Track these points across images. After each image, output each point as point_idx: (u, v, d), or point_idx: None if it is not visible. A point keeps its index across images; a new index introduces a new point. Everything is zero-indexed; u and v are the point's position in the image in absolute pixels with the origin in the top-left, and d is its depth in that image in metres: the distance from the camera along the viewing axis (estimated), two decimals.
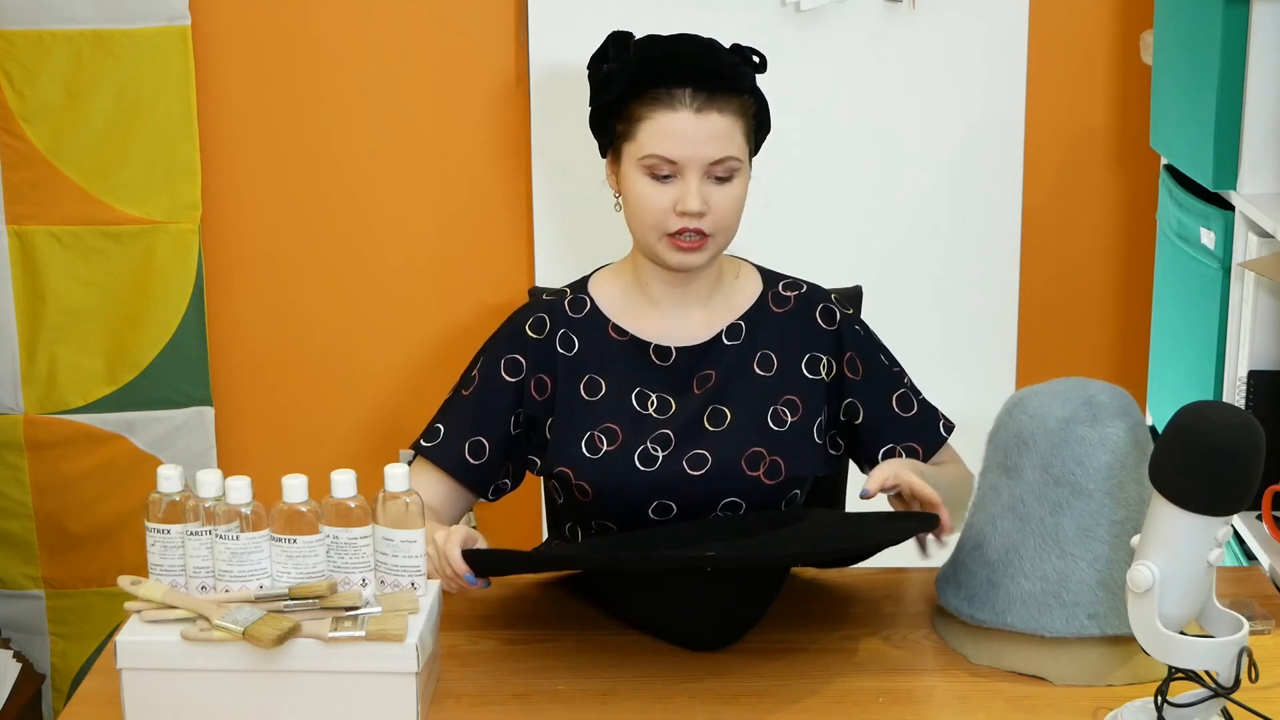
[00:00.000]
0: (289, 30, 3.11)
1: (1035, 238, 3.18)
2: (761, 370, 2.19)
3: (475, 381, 2.19)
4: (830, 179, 3.11)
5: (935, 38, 3.06)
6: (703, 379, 2.18)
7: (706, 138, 2.09)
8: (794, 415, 2.18)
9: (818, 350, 2.21)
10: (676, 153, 2.09)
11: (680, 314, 2.21)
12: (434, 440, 2.18)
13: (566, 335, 2.20)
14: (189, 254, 3.12)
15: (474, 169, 3.17)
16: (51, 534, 3.24)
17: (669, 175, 2.11)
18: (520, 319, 2.22)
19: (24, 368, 3.17)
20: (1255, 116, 2.52)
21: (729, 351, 2.20)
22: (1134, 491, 1.87)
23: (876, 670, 1.92)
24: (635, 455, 2.13)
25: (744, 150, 2.13)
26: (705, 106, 2.09)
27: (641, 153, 2.11)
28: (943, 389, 2.61)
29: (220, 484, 1.81)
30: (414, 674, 1.76)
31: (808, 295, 2.24)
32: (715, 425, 2.16)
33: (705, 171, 2.10)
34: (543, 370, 2.18)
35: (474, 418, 2.17)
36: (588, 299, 2.23)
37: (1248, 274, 2.49)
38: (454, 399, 2.21)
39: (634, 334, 2.20)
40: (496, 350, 2.21)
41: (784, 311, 2.23)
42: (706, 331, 2.21)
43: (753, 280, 2.26)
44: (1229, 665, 1.67)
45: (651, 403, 2.17)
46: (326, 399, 3.28)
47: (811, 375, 2.20)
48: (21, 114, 3.05)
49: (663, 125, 2.10)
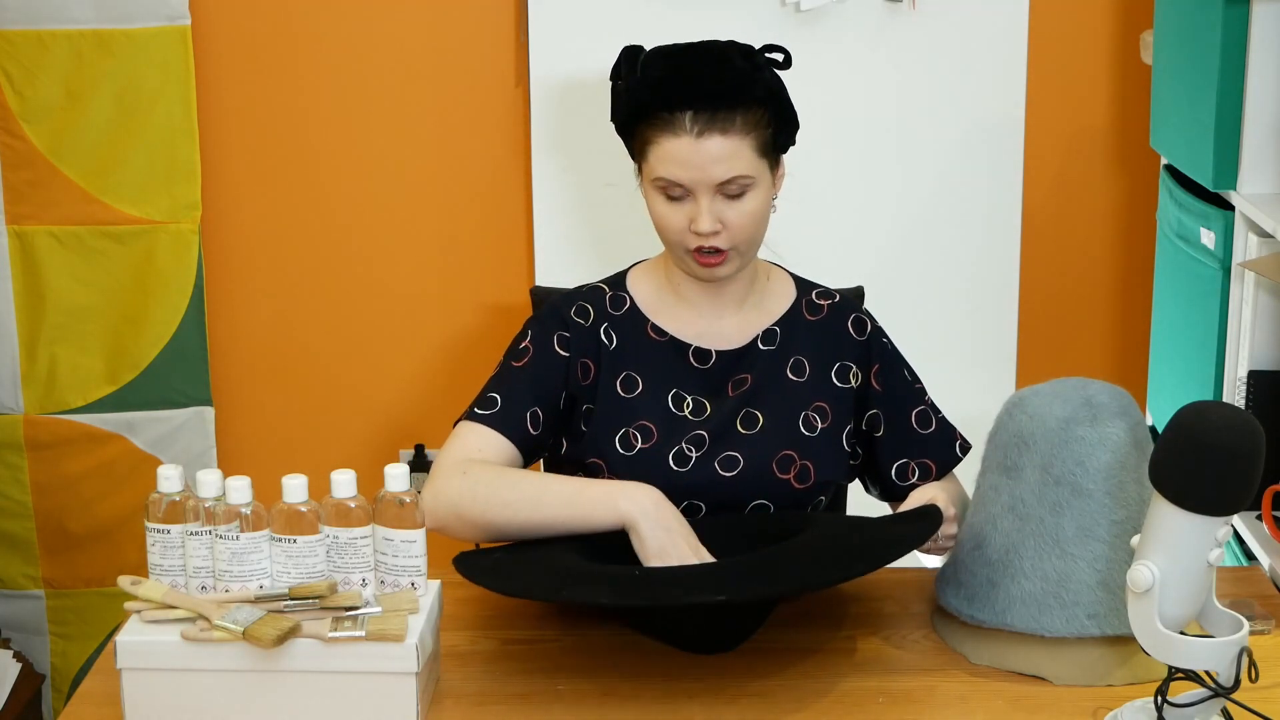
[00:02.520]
0: (289, 30, 3.11)
1: (1035, 238, 3.18)
2: (794, 376, 2.20)
3: (529, 353, 2.18)
4: (830, 179, 3.11)
5: (935, 38, 3.06)
6: (738, 382, 2.19)
7: (711, 161, 2.07)
8: (824, 421, 2.19)
9: (848, 359, 2.22)
10: (682, 177, 2.08)
11: (716, 315, 2.21)
12: (491, 409, 2.14)
13: (608, 329, 2.20)
14: (189, 254, 3.12)
15: (474, 170, 3.17)
16: (51, 534, 3.24)
17: (681, 196, 2.10)
18: (564, 305, 2.22)
19: (24, 368, 3.17)
20: (1255, 116, 2.52)
21: (764, 356, 2.21)
22: (1134, 491, 1.87)
23: (876, 670, 1.92)
24: (670, 456, 2.13)
25: (756, 165, 2.10)
26: (706, 129, 2.06)
27: (653, 175, 2.11)
28: (943, 389, 2.61)
29: (220, 484, 1.81)
30: (414, 674, 1.76)
31: (840, 305, 2.26)
32: (748, 429, 2.17)
33: (716, 191, 2.09)
34: (587, 356, 2.18)
35: (532, 388, 2.15)
36: (627, 296, 2.23)
37: (1248, 274, 2.49)
38: (505, 370, 2.18)
39: (673, 335, 2.20)
40: (546, 325, 2.20)
41: (817, 320, 2.24)
42: (742, 335, 2.21)
43: (786, 285, 2.27)
44: (1229, 665, 1.67)
45: (687, 404, 2.18)
46: (326, 399, 3.28)
47: (841, 384, 2.21)
48: (21, 114, 3.05)
49: (667, 151, 2.09)
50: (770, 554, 1.92)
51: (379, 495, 1.82)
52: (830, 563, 1.90)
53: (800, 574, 1.87)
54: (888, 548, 1.90)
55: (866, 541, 1.97)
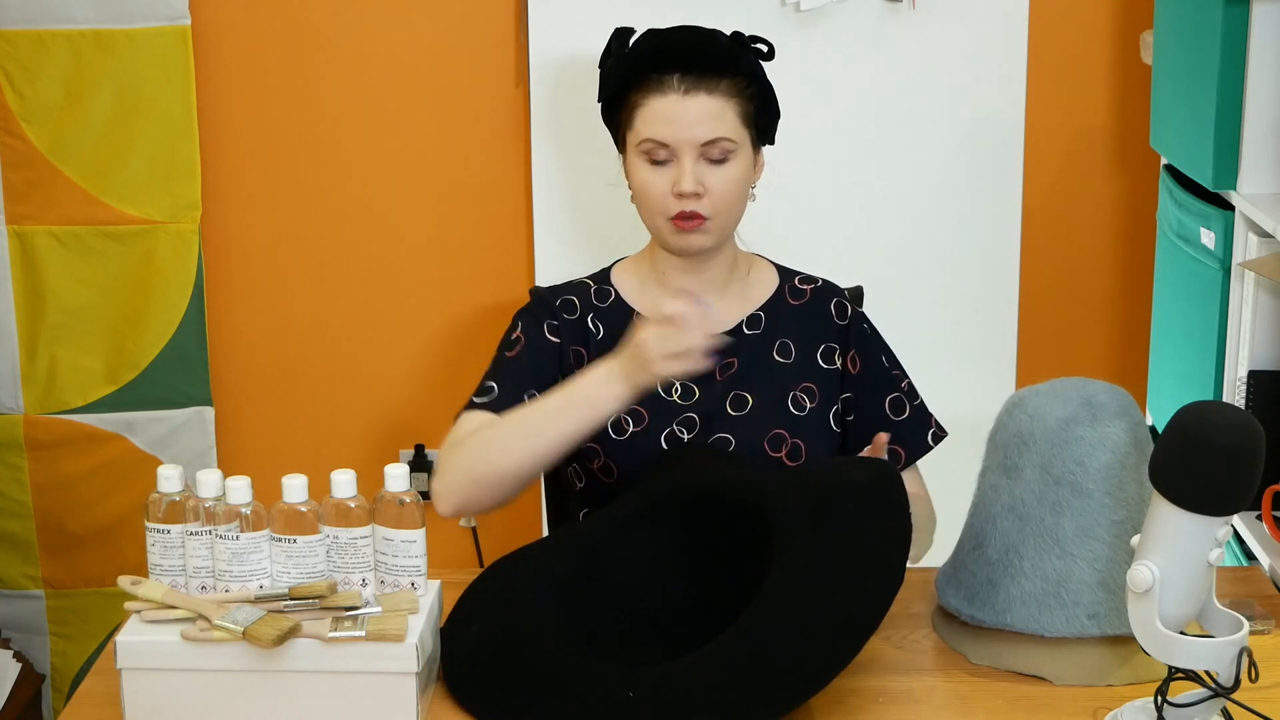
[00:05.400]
0: (289, 30, 3.11)
1: (1035, 238, 3.18)
2: (781, 358, 2.25)
3: (520, 342, 2.23)
4: (830, 179, 3.10)
5: (935, 38, 3.06)
6: (725, 367, 2.22)
7: (696, 119, 2.13)
8: (812, 401, 2.24)
9: (832, 341, 2.27)
10: (668, 135, 2.14)
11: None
12: (489, 395, 2.18)
13: (594, 319, 2.25)
14: (189, 254, 3.12)
15: (474, 169, 3.17)
16: (51, 534, 3.24)
17: (665, 159, 2.15)
18: (550, 298, 2.27)
19: (24, 368, 3.17)
20: (1255, 116, 2.52)
21: (750, 340, 2.25)
22: (1134, 491, 1.87)
23: (876, 670, 1.91)
24: (662, 437, 2.18)
25: (739, 131, 2.16)
26: (693, 88, 2.13)
27: (638, 139, 2.17)
28: (943, 389, 2.62)
29: (220, 484, 1.81)
30: (414, 674, 1.76)
31: (822, 289, 2.31)
32: (737, 410, 2.21)
33: (699, 153, 2.14)
34: (578, 344, 2.23)
35: (528, 374, 2.20)
36: (612, 290, 2.29)
37: (1248, 274, 2.49)
38: (499, 362, 2.23)
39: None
40: (534, 315, 2.25)
41: (801, 304, 2.29)
42: (725, 321, 2.24)
43: (769, 274, 2.32)
44: (1229, 665, 1.67)
45: (676, 390, 2.21)
46: (326, 399, 3.28)
47: (827, 365, 2.26)
48: (21, 114, 3.05)
49: (654, 109, 2.15)
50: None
51: (379, 495, 1.82)
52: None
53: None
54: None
55: (817, 479, 1.88)
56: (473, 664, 1.85)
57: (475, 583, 1.99)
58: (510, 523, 3.14)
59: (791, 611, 1.76)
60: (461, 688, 1.84)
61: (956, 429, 2.36)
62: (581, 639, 1.85)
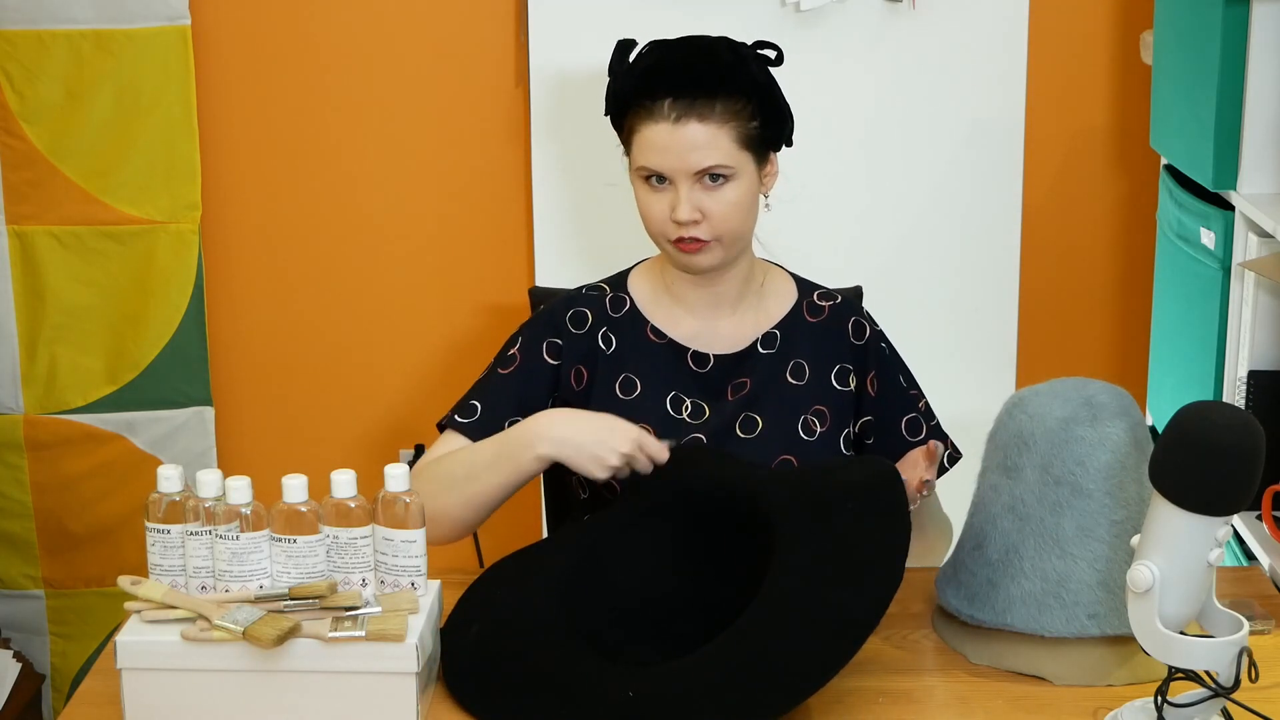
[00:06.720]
0: (289, 30, 3.11)
1: (1035, 238, 3.18)
2: (794, 380, 2.21)
3: (516, 360, 2.20)
4: (830, 179, 3.10)
5: (935, 38, 3.06)
6: (737, 386, 2.19)
7: (687, 148, 2.09)
8: (823, 425, 2.20)
9: (847, 362, 2.23)
10: (660, 164, 2.10)
11: (711, 316, 2.22)
12: (471, 417, 2.17)
13: (606, 333, 2.21)
14: (189, 254, 3.12)
15: (474, 169, 3.17)
16: (51, 534, 3.24)
17: (663, 185, 2.12)
18: (560, 310, 2.23)
19: (24, 368, 3.17)
20: (1255, 116, 2.52)
21: (764, 360, 2.21)
22: (1134, 491, 1.87)
23: (876, 670, 1.91)
24: None
25: (735, 155, 2.11)
26: (684, 116, 2.08)
27: (635, 164, 2.14)
28: (943, 389, 2.61)
29: (220, 484, 1.81)
30: (414, 674, 1.76)
31: (841, 307, 2.26)
32: (747, 432, 2.18)
33: (695, 179, 2.10)
34: (581, 362, 2.20)
35: (516, 396, 2.18)
36: (627, 297, 2.24)
37: (1248, 274, 2.49)
38: (491, 377, 2.21)
39: (672, 338, 2.21)
40: (537, 332, 2.22)
41: (817, 322, 2.24)
42: (740, 337, 2.22)
43: (787, 286, 2.27)
44: (1229, 665, 1.67)
45: (686, 408, 2.18)
46: (326, 399, 3.28)
47: (840, 386, 2.22)
48: (21, 114, 3.05)
49: (646, 138, 2.11)
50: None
51: (379, 495, 1.82)
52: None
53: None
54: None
55: (819, 483, 1.89)
56: (473, 664, 1.85)
57: (475, 583, 1.99)
58: (510, 523, 3.13)
59: (791, 611, 1.76)
60: (461, 688, 1.84)
61: (957, 429, 2.36)
62: (581, 639, 1.85)
